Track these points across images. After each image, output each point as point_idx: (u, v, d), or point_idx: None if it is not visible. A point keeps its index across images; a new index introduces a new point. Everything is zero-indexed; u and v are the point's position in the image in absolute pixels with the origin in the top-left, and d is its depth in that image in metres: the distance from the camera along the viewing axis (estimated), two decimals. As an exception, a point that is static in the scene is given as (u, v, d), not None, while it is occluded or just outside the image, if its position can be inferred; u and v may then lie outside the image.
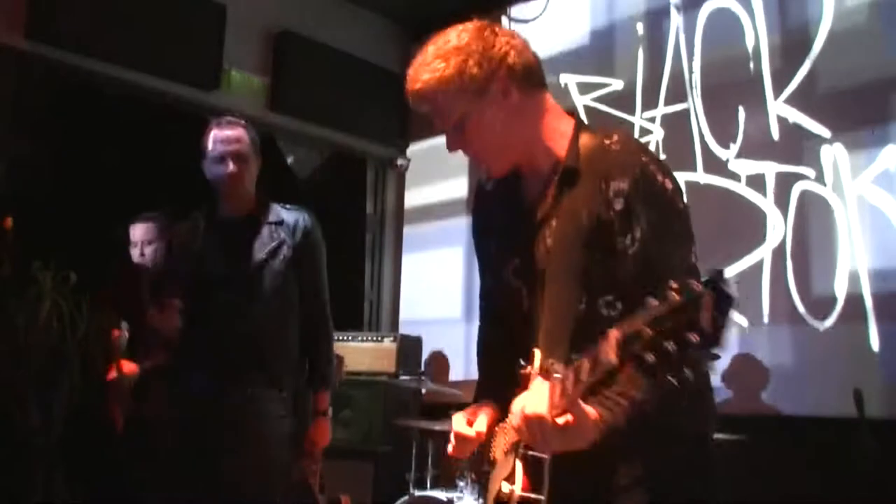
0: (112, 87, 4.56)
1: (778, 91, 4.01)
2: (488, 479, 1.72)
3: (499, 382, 1.71)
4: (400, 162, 5.92)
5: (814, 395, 3.63)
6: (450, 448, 1.77)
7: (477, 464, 1.79)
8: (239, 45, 4.99)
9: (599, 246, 1.53)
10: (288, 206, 3.17)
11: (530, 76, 1.64)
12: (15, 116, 4.22)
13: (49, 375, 4.00)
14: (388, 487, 4.32)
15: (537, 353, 1.57)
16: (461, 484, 3.90)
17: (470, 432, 1.71)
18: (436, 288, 5.53)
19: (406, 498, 3.92)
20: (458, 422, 1.74)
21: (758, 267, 3.93)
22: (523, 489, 1.54)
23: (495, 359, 1.79)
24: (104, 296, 3.96)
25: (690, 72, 4.38)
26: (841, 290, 3.66)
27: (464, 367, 5.23)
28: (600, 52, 4.89)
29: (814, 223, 3.81)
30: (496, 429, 1.71)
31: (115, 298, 4.00)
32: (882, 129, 3.67)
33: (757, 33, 4.14)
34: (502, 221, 1.75)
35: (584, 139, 1.63)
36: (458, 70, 1.61)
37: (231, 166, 2.95)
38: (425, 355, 5.16)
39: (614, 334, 1.21)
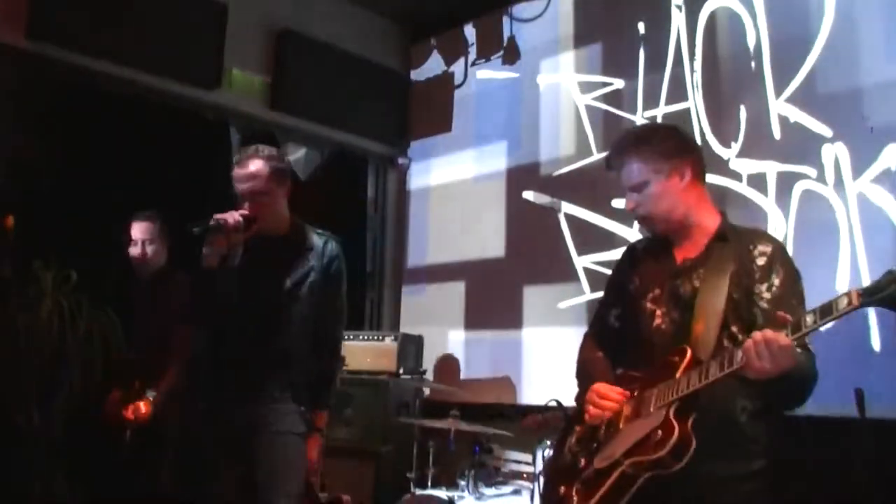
0: (113, 86, 4.56)
1: (779, 90, 4.01)
2: (605, 442, 2.08)
3: (608, 376, 2.25)
4: (401, 161, 5.92)
5: (814, 395, 3.61)
6: (591, 410, 2.16)
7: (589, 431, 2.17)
8: (240, 44, 5.00)
9: (740, 288, 2.07)
10: (318, 230, 3.22)
11: (703, 172, 2.26)
12: (16, 115, 4.22)
13: (50, 374, 4.00)
14: (389, 486, 4.33)
15: (689, 350, 2.02)
16: (462, 483, 3.91)
17: (615, 394, 2.13)
18: (437, 287, 5.53)
19: (407, 496, 3.93)
20: (600, 387, 2.18)
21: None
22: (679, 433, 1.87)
23: (601, 361, 2.35)
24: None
25: (692, 71, 4.38)
26: (842, 289, 3.64)
27: (463, 365, 5.24)
28: (601, 51, 4.88)
29: (815, 222, 3.81)
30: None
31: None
32: (883, 128, 3.66)
33: (758, 32, 4.13)
34: (647, 265, 2.31)
35: (729, 224, 2.23)
36: (653, 150, 2.21)
37: (247, 208, 2.99)
38: (426, 354, 5.17)
39: (853, 289, 1.72)
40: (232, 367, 3.01)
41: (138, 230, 3.99)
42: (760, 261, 2.10)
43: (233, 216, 2.92)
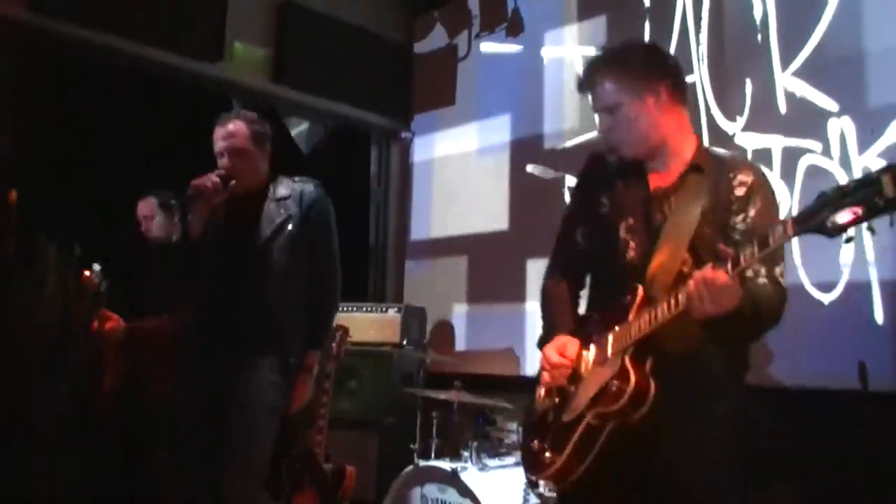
0: (114, 59, 4.54)
1: (785, 63, 3.98)
2: (571, 394, 2.05)
3: (568, 320, 2.22)
4: (404, 134, 5.90)
5: (817, 368, 3.63)
6: (545, 377, 2.12)
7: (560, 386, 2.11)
8: (242, 17, 4.96)
9: (715, 222, 1.97)
10: (296, 178, 3.23)
11: (682, 93, 2.13)
12: (17, 89, 4.21)
13: (56, 348, 4.02)
14: (392, 457, 4.36)
15: (640, 288, 1.96)
16: (465, 454, 3.94)
17: (564, 360, 2.07)
18: (441, 259, 5.54)
19: (411, 468, 3.96)
20: (551, 353, 2.10)
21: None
22: (635, 383, 1.85)
23: (564, 300, 2.28)
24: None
25: (697, 44, 4.34)
26: (846, 264, 3.66)
27: (466, 337, 5.26)
28: (606, 23, 4.85)
29: (820, 196, 3.79)
30: (583, 352, 2.09)
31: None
32: (890, 102, 3.64)
33: (765, 5, 4.10)
34: (620, 187, 2.16)
35: (706, 151, 2.14)
36: (627, 71, 2.07)
37: (226, 161, 3.08)
38: (430, 326, 5.18)
39: (788, 218, 1.61)
40: (214, 330, 3.04)
41: (140, 208, 4.09)
42: (739, 191, 2.01)
43: (209, 179, 2.97)
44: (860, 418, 2.99)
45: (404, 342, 4.88)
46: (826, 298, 3.67)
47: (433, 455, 4.09)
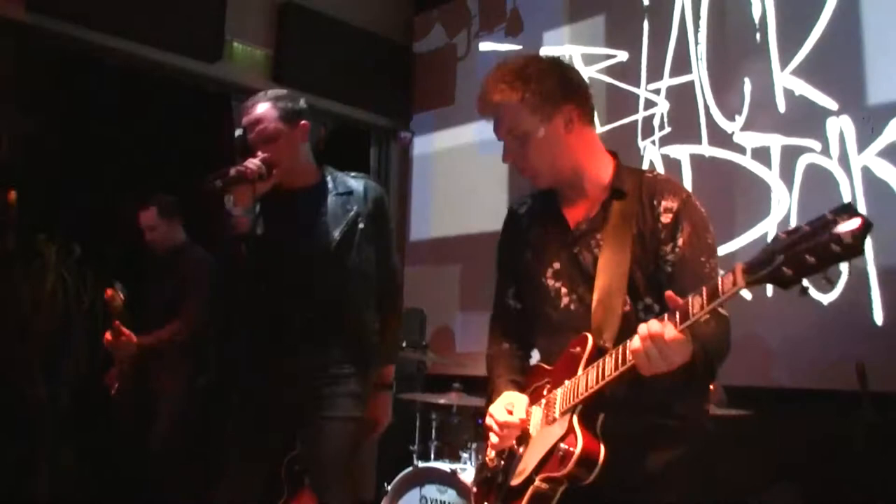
0: (114, 59, 4.54)
1: (784, 62, 3.97)
2: (518, 455, 1.92)
3: (517, 375, 2.08)
4: (403, 134, 5.89)
5: (816, 369, 3.63)
6: (494, 439, 1.96)
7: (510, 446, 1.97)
8: (241, 17, 4.96)
9: (646, 253, 1.86)
10: (353, 173, 2.94)
11: (591, 113, 2.00)
12: (17, 89, 4.21)
13: (55, 347, 4.02)
14: (392, 459, 4.36)
15: (590, 339, 1.83)
16: (464, 455, 3.94)
17: (514, 419, 1.92)
18: (441, 261, 5.53)
19: (410, 469, 3.95)
20: (499, 412, 1.95)
21: (762, 240, 3.91)
22: (583, 447, 1.72)
23: (507, 359, 2.15)
24: None
25: (696, 43, 4.34)
26: (845, 264, 3.65)
27: (465, 339, 5.25)
28: (605, 23, 4.84)
29: (819, 196, 3.79)
30: (532, 409, 1.94)
31: None
32: (889, 101, 3.63)
33: (764, 4, 4.09)
34: (538, 234, 2.06)
35: (626, 171, 1.99)
36: (532, 92, 1.90)
37: (262, 155, 2.66)
38: (429, 328, 5.17)
39: (738, 266, 1.45)
40: (280, 341, 2.68)
41: (141, 218, 4.08)
42: (665, 218, 1.87)
43: (252, 162, 2.58)
44: (858, 418, 2.99)
45: (403, 344, 4.87)
46: (825, 299, 3.66)
47: (432, 456, 4.09)
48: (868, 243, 3.77)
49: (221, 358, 3.84)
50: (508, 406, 1.96)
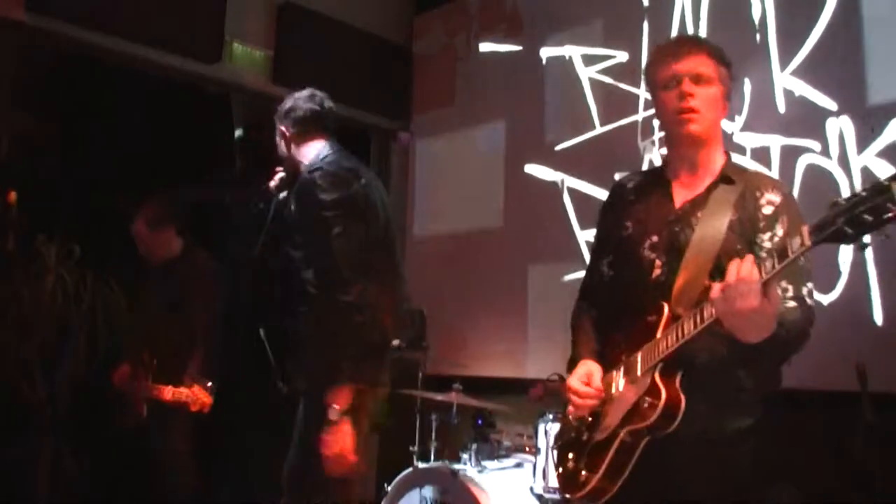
0: (114, 60, 4.54)
1: (784, 63, 3.98)
2: (602, 414, 2.07)
3: (595, 345, 2.21)
4: (403, 134, 5.89)
5: (816, 369, 3.62)
6: (571, 408, 2.13)
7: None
8: (241, 17, 4.96)
9: (741, 236, 1.99)
10: (324, 165, 2.81)
11: (729, 101, 2.16)
12: (16, 90, 4.21)
13: (55, 348, 4.02)
14: (392, 460, 4.36)
15: (665, 306, 1.97)
16: (464, 456, 3.94)
17: (591, 390, 2.08)
18: (440, 261, 5.53)
19: (410, 469, 3.95)
20: (576, 383, 2.11)
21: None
22: (666, 397, 1.87)
23: (590, 329, 2.26)
24: None
25: (696, 43, 4.33)
26: (845, 264, 3.65)
27: (465, 339, 5.25)
28: (605, 23, 4.84)
29: (819, 197, 3.77)
30: (612, 373, 2.09)
31: None
32: (888, 101, 3.63)
33: (763, 4, 4.09)
34: (642, 208, 2.18)
35: (735, 164, 2.16)
36: (720, 52, 2.13)
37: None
38: (429, 328, 5.17)
39: (804, 227, 1.61)
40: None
41: (134, 231, 3.98)
42: (767, 210, 2.03)
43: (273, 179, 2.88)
44: (859, 419, 2.98)
45: (403, 344, 4.86)
46: (825, 300, 3.66)
47: (432, 457, 4.09)
48: (868, 241, 3.76)
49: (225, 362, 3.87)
50: (584, 378, 2.10)
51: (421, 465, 3.97)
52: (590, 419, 2.12)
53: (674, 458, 1.93)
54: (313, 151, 2.93)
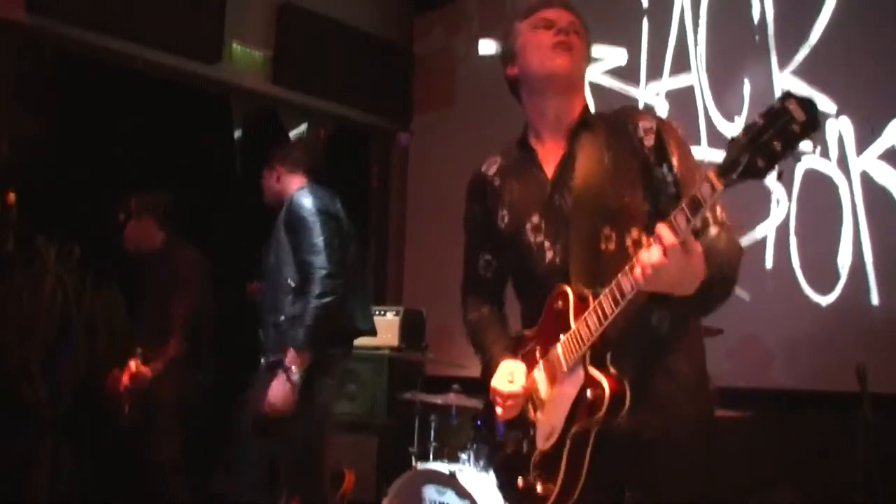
0: (113, 60, 4.54)
1: (783, 64, 3.98)
2: (539, 421, 1.88)
3: (507, 339, 2.03)
4: (403, 135, 5.89)
5: (816, 370, 3.63)
6: (499, 412, 1.92)
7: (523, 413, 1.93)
8: (241, 18, 4.96)
9: (626, 176, 1.82)
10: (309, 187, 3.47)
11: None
12: (16, 90, 4.21)
13: (55, 349, 4.02)
14: (391, 460, 4.36)
15: (568, 290, 1.79)
16: (463, 456, 3.93)
17: (517, 388, 1.89)
18: (440, 261, 5.53)
19: (409, 471, 3.95)
20: (500, 383, 1.91)
21: (761, 243, 3.92)
22: (611, 387, 1.70)
23: (492, 323, 2.12)
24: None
25: (695, 44, 4.34)
26: (844, 266, 3.65)
27: (465, 340, 5.24)
28: (604, 24, 4.84)
29: (818, 199, 3.79)
30: (533, 374, 1.90)
31: None
32: (888, 102, 3.63)
33: (763, 4, 4.09)
34: (513, 190, 1.99)
35: (591, 111, 1.99)
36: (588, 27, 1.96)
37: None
38: (428, 328, 5.17)
39: (709, 171, 1.46)
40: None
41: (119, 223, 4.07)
42: (648, 140, 1.84)
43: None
44: (859, 420, 2.99)
45: (403, 345, 4.87)
46: (824, 301, 3.66)
47: (431, 457, 4.09)
48: (867, 244, 3.77)
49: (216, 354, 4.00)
50: (508, 377, 1.92)
51: (420, 465, 3.97)
52: (522, 432, 1.92)
53: (623, 434, 1.75)
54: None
